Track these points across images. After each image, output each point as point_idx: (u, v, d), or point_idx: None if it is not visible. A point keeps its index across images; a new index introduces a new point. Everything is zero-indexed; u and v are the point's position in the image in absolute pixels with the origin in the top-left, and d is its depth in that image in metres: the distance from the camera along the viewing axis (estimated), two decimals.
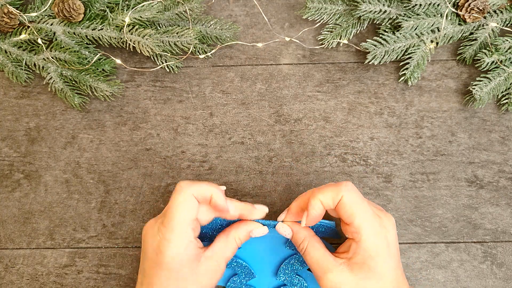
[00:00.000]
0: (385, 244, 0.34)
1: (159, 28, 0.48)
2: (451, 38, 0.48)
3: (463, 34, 0.48)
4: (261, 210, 0.39)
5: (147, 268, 0.35)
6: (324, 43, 0.50)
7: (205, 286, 0.35)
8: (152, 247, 0.35)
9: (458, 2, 0.47)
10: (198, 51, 0.49)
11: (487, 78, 0.46)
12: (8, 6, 0.47)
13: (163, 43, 0.47)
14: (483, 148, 0.47)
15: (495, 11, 0.48)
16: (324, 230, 0.40)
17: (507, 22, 0.48)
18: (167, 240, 0.34)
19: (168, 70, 0.50)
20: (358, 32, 0.50)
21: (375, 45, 0.47)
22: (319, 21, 0.50)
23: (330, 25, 0.50)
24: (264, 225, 0.39)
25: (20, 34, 0.48)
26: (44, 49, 0.48)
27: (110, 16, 0.48)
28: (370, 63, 0.47)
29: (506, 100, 0.47)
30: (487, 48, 0.47)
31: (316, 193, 0.35)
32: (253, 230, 0.38)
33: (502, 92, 0.47)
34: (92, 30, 0.48)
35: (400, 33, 0.47)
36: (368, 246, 0.34)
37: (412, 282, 0.44)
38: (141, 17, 0.46)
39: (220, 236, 0.38)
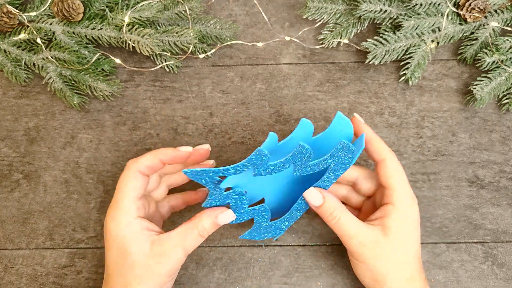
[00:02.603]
0: (417, 213, 0.37)
1: (158, 28, 0.48)
2: (451, 37, 0.48)
3: (463, 33, 0.48)
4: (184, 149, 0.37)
5: (105, 250, 0.36)
6: (324, 43, 0.50)
7: (157, 272, 0.34)
8: (104, 228, 0.36)
9: (458, 2, 0.47)
10: (197, 51, 0.49)
11: (488, 78, 0.46)
12: (7, 5, 0.47)
13: (162, 42, 0.47)
14: (484, 148, 0.47)
15: (495, 11, 0.47)
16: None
17: (508, 22, 0.47)
18: (111, 217, 0.35)
19: (167, 70, 0.49)
20: (358, 31, 0.50)
21: (376, 45, 0.47)
22: (320, 21, 0.50)
23: (331, 24, 0.50)
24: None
25: (19, 34, 0.48)
26: (44, 48, 0.47)
27: (110, 16, 0.47)
28: (370, 62, 0.47)
29: (507, 100, 0.47)
30: (488, 47, 0.47)
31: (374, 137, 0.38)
32: (218, 216, 0.36)
33: (503, 92, 0.47)
34: (92, 29, 0.48)
35: (401, 33, 0.47)
36: (403, 210, 0.36)
37: None
38: (140, 16, 0.46)
39: (184, 223, 0.36)
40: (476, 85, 0.46)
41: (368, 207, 0.41)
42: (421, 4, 0.46)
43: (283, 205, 0.41)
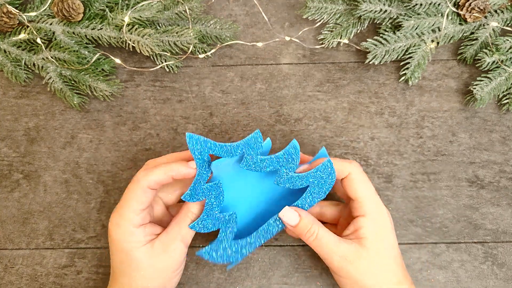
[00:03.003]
0: (388, 219, 0.37)
1: (158, 28, 0.48)
2: (451, 37, 0.48)
3: (463, 33, 0.48)
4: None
5: (110, 254, 0.38)
6: (324, 43, 0.50)
7: (161, 269, 0.36)
8: (108, 232, 0.37)
9: (458, 2, 0.47)
10: (197, 51, 0.49)
11: (488, 78, 0.46)
12: (7, 5, 0.47)
13: (162, 42, 0.47)
14: (484, 148, 0.47)
15: (495, 11, 0.47)
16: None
17: (508, 22, 0.47)
18: (115, 224, 0.36)
19: (167, 70, 0.49)
20: (358, 31, 0.50)
21: (376, 45, 0.47)
22: (319, 21, 0.50)
23: (331, 24, 0.50)
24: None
25: (19, 34, 0.48)
26: (44, 48, 0.47)
27: (110, 16, 0.47)
28: (370, 62, 0.47)
29: (507, 100, 0.47)
30: (488, 48, 0.47)
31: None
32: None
33: (503, 92, 0.47)
34: (92, 29, 0.48)
35: (401, 33, 0.47)
36: (375, 219, 0.36)
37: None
38: (140, 16, 0.46)
39: (175, 217, 0.38)
40: (476, 85, 0.46)
41: (344, 219, 0.41)
42: (421, 4, 0.46)
43: (250, 227, 0.41)
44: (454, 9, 0.47)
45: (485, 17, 0.47)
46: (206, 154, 0.36)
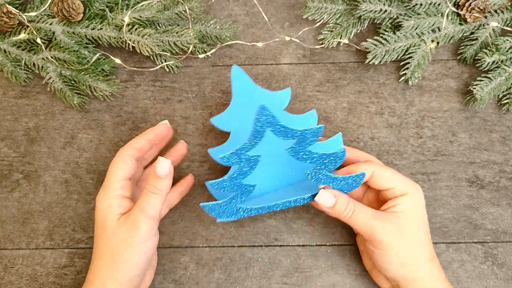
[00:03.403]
0: (422, 196, 0.39)
1: (158, 28, 0.48)
2: (451, 37, 0.48)
3: (463, 33, 0.48)
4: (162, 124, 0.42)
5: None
6: (324, 43, 0.50)
7: (129, 242, 0.36)
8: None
9: (458, 2, 0.47)
10: (197, 51, 0.49)
11: (488, 78, 0.46)
12: (7, 5, 0.47)
13: (162, 42, 0.47)
14: (484, 148, 0.47)
15: (495, 11, 0.47)
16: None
17: (508, 22, 0.47)
18: (98, 195, 0.38)
19: (167, 70, 0.49)
20: (358, 31, 0.50)
21: (376, 45, 0.47)
22: (319, 21, 0.50)
23: (331, 24, 0.50)
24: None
25: (19, 34, 0.48)
26: (44, 48, 0.47)
27: (110, 16, 0.47)
28: (370, 62, 0.47)
29: (507, 100, 0.47)
30: (488, 48, 0.47)
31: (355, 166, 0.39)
32: (155, 166, 0.37)
33: (503, 92, 0.47)
34: (92, 29, 0.48)
35: (401, 33, 0.47)
36: (412, 196, 0.38)
37: None
38: (140, 16, 0.46)
39: (142, 191, 0.38)
40: (476, 85, 0.46)
41: (370, 198, 0.42)
42: (421, 4, 0.46)
43: (262, 188, 0.41)
44: (454, 9, 0.47)
45: (485, 17, 0.47)
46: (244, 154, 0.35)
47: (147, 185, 0.37)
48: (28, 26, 0.48)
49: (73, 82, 0.48)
